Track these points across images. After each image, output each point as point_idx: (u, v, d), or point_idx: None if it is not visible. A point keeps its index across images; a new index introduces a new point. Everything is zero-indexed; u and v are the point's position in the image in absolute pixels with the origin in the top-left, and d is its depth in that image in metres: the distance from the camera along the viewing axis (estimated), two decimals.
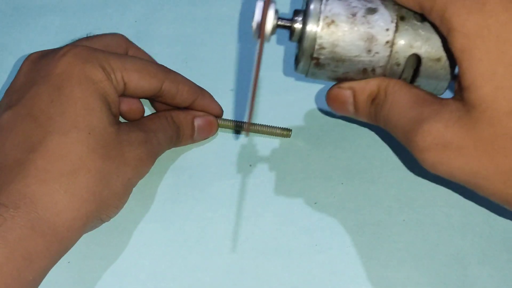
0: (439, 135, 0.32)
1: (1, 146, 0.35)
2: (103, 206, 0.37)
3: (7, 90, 0.39)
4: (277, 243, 0.41)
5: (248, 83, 0.49)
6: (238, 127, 0.46)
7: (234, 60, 0.50)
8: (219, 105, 0.45)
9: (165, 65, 0.43)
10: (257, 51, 0.33)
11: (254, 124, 0.45)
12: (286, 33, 0.36)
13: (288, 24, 0.36)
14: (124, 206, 0.39)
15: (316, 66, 0.36)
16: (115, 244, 0.41)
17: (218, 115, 0.45)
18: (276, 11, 0.35)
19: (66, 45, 0.39)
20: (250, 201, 0.42)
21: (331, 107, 0.39)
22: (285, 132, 0.45)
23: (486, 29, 0.30)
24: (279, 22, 0.36)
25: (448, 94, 0.35)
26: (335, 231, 0.41)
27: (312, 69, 0.36)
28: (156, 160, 0.41)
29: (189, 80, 0.43)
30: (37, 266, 0.33)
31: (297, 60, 0.37)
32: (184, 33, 0.52)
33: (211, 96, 0.44)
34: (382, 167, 0.44)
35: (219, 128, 0.46)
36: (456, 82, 0.33)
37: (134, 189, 0.39)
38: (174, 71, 0.42)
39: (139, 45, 0.45)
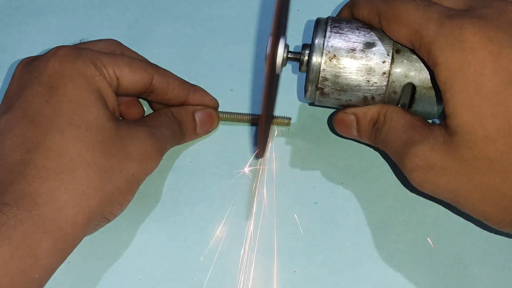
0: (425, 157, 0.35)
1: (1, 149, 0.36)
2: (106, 202, 0.37)
3: (3, 97, 0.39)
4: (277, 243, 0.41)
5: (248, 83, 0.49)
6: (238, 119, 0.46)
7: (234, 60, 0.50)
8: (213, 97, 0.45)
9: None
10: (265, 82, 0.36)
11: (253, 115, 0.46)
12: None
13: (297, 57, 0.40)
14: None
15: (321, 95, 0.40)
16: (115, 244, 0.41)
17: (215, 107, 0.45)
18: (286, 46, 0.40)
19: (54, 47, 0.39)
20: (250, 201, 0.42)
21: (337, 130, 0.43)
22: (285, 120, 0.45)
23: (466, 64, 0.33)
24: (289, 55, 0.40)
25: None
26: (335, 231, 0.41)
27: (318, 97, 0.40)
28: None
29: (179, 77, 0.44)
30: (43, 263, 0.33)
31: (305, 89, 0.41)
32: (184, 33, 0.52)
33: (203, 90, 0.45)
34: (382, 167, 0.44)
35: (220, 122, 0.46)
36: (442, 110, 0.36)
37: None
38: (163, 68, 0.43)
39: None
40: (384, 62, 0.38)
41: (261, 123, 0.37)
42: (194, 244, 0.41)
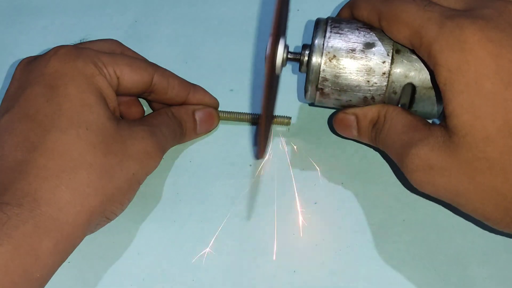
0: (425, 158, 0.35)
1: (1, 149, 0.36)
2: (107, 202, 0.37)
3: (3, 97, 0.39)
4: (277, 243, 0.41)
5: (248, 83, 0.49)
6: (238, 118, 0.46)
7: (234, 60, 0.50)
8: (213, 97, 0.45)
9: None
10: (265, 82, 0.35)
11: (253, 114, 0.46)
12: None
13: (297, 57, 0.40)
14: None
15: (321, 95, 0.40)
16: (116, 244, 0.41)
17: (215, 106, 0.46)
18: (286, 46, 0.40)
19: (55, 47, 0.39)
20: (250, 201, 0.42)
21: (337, 130, 0.43)
22: (285, 120, 0.45)
23: (466, 65, 0.33)
24: (289, 56, 0.40)
25: None
26: (335, 231, 0.41)
27: (318, 97, 0.40)
28: None
29: (179, 76, 0.44)
30: (44, 263, 0.34)
31: (305, 90, 0.41)
32: (184, 33, 0.52)
33: (203, 90, 0.45)
34: (382, 167, 0.44)
35: (220, 122, 0.46)
36: (442, 110, 0.36)
37: None
38: (163, 68, 0.43)
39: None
40: (384, 62, 0.38)
41: (261, 124, 0.37)
42: (194, 244, 0.41)
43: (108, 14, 0.54)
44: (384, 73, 0.38)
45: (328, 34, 0.39)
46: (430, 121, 0.41)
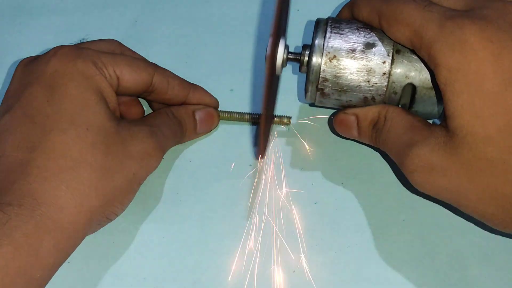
0: (425, 158, 0.35)
1: (2, 149, 0.36)
2: (108, 202, 0.37)
3: (4, 97, 0.39)
4: (277, 243, 0.41)
5: (248, 83, 0.49)
6: (238, 118, 0.46)
7: (234, 60, 0.50)
8: (214, 97, 0.45)
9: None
10: (265, 83, 0.35)
11: (254, 114, 0.46)
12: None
13: (297, 58, 0.40)
14: None
15: (322, 95, 0.40)
16: (116, 244, 0.41)
17: (215, 106, 0.46)
18: (286, 46, 0.40)
19: (55, 47, 0.39)
20: (250, 201, 0.42)
21: (337, 130, 0.43)
22: (286, 120, 0.45)
23: (467, 65, 0.33)
24: (289, 56, 0.40)
25: None
26: (335, 231, 0.41)
27: (319, 98, 0.40)
28: None
29: (179, 76, 0.44)
30: (44, 263, 0.34)
31: (305, 90, 0.41)
32: (184, 33, 0.52)
33: (203, 89, 0.45)
34: (382, 167, 0.44)
35: (220, 122, 0.46)
36: (443, 110, 0.36)
37: None
38: (163, 68, 0.43)
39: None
40: (384, 62, 0.38)
41: (261, 124, 0.37)
42: (194, 244, 0.41)
43: (108, 14, 0.54)
44: (384, 74, 0.38)
45: (328, 34, 0.39)
46: (430, 121, 0.41)
